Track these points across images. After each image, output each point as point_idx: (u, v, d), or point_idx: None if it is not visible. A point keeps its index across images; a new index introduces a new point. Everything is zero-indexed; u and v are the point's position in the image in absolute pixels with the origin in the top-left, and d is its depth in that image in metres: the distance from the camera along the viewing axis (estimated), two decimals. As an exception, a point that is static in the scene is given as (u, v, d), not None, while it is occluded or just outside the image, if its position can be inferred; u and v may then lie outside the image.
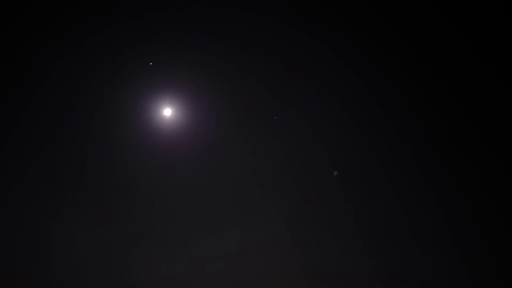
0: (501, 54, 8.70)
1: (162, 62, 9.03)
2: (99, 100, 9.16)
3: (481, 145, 9.19)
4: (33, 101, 9.03)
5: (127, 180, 9.40)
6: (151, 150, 9.26)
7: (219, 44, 9.10)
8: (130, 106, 9.15)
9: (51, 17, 8.64)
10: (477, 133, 9.17)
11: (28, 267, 9.05)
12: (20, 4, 8.45)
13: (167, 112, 9.16)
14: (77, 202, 9.35)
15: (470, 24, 8.76)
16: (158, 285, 9.24)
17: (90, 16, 8.79)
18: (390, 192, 9.60)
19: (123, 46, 8.99)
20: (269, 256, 9.51)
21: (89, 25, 8.86)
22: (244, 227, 9.52)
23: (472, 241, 9.34)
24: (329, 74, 9.32)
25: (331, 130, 9.52)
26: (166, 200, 9.53)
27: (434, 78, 9.16)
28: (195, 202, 9.58)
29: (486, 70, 8.86)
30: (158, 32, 8.97)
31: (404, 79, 9.25)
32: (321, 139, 9.55)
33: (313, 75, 9.32)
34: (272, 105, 9.40)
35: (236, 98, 9.36)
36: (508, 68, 8.62)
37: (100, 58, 9.02)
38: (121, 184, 9.40)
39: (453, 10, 8.72)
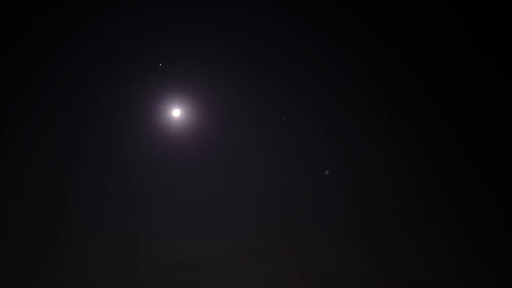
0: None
1: (170, 60, 9.03)
2: (105, 100, 9.16)
3: (489, 145, 9.26)
4: (36, 101, 9.03)
5: (131, 181, 9.44)
6: (158, 152, 9.26)
7: (230, 42, 9.12)
8: (137, 107, 9.14)
9: (55, 7, 8.67)
10: (484, 133, 9.26)
11: (34, 263, 9.09)
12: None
13: (176, 113, 9.15)
14: (82, 201, 9.39)
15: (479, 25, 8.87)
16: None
17: (93, 15, 8.83)
18: (394, 194, 9.66)
19: (130, 43, 8.99)
20: (267, 260, 9.54)
21: (93, 23, 8.88)
22: (246, 230, 9.54)
23: (479, 245, 9.40)
24: (338, 75, 9.43)
25: (338, 133, 9.60)
26: (169, 201, 9.56)
27: (444, 81, 9.26)
28: (199, 203, 9.57)
29: (492, 70, 8.99)
30: (167, 29, 8.98)
31: (414, 81, 9.34)
32: (328, 141, 9.63)
33: (325, 77, 9.40)
34: (284, 106, 9.45)
35: (246, 98, 9.39)
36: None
37: (107, 56, 9.02)
38: (124, 185, 9.43)
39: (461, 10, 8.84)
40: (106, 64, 9.03)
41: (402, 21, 9.11)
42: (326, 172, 9.43)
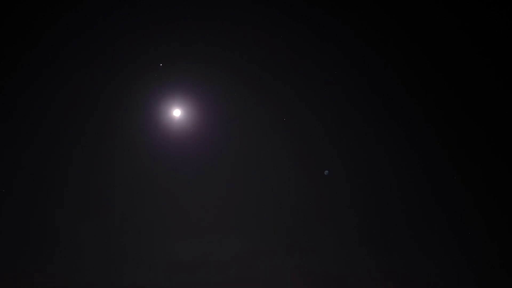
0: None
1: (170, 60, 9.01)
2: (105, 100, 9.16)
3: (489, 145, 9.24)
4: (36, 101, 9.04)
5: (131, 181, 9.44)
6: (158, 152, 9.26)
7: (230, 42, 9.11)
8: (137, 107, 9.14)
9: (55, 7, 8.67)
10: (484, 133, 9.24)
11: (34, 263, 9.12)
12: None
13: (176, 113, 9.15)
14: (82, 201, 9.41)
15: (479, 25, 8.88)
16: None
17: (93, 15, 8.82)
18: (394, 194, 9.65)
19: (130, 43, 8.98)
20: (267, 260, 9.52)
21: (93, 23, 8.87)
22: (246, 230, 9.54)
23: (479, 245, 9.39)
24: (338, 75, 9.42)
25: (338, 133, 9.60)
26: (169, 201, 9.57)
27: (444, 81, 9.26)
28: (199, 204, 9.57)
29: (492, 70, 8.99)
30: (167, 29, 8.97)
31: (414, 81, 9.33)
32: (328, 142, 9.63)
33: (325, 77, 9.39)
34: (284, 107, 9.45)
35: (246, 98, 9.38)
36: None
37: (107, 56, 9.01)
38: (125, 185, 9.43)
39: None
40: (106, 64, 9.03)
41: (402, 21, 9.12)
42: (326, 172, 9.44)
